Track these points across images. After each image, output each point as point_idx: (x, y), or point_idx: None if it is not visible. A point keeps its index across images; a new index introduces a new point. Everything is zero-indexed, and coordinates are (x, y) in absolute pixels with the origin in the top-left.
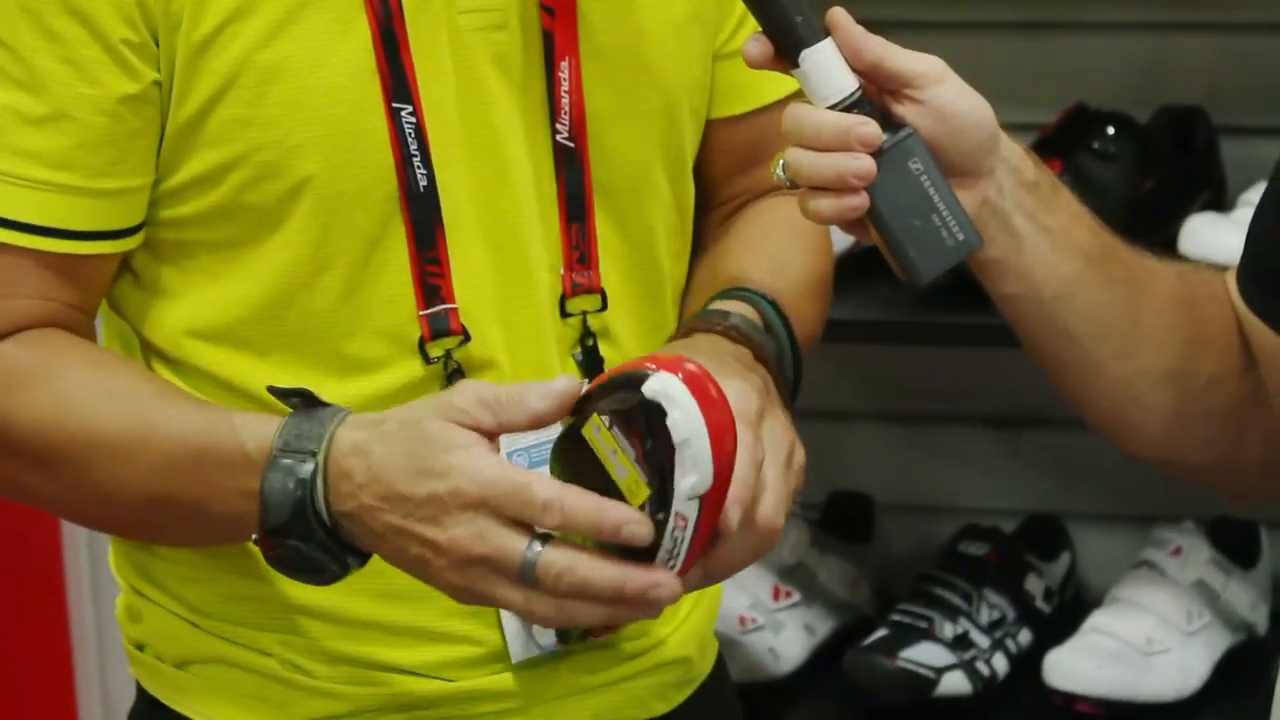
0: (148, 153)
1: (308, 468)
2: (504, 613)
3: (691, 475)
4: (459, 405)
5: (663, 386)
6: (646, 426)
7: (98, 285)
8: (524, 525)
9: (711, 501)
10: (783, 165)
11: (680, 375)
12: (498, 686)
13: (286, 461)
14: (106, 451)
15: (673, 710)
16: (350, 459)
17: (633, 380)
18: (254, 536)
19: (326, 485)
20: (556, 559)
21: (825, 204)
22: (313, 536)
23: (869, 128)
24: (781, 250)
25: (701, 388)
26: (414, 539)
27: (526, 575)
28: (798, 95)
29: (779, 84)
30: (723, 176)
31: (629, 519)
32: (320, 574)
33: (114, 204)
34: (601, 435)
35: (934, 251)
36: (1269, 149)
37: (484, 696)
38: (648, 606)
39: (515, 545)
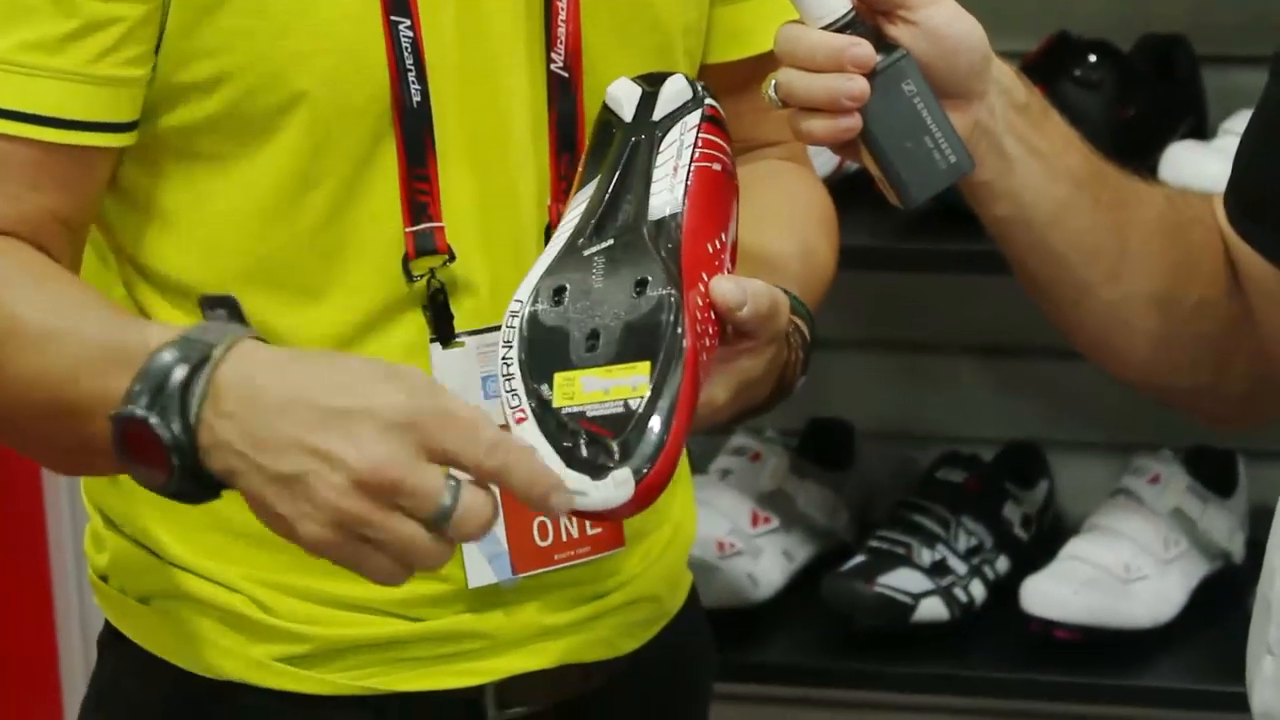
0: (147, 43)
1: (199, 355)
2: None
3: None
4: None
5: None
6: None
7: (85, 192)
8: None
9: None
10: (775, 86)
11: None
12: (462, 626)
13: (180, 349)
14: (23, 341)
15: (642, 647)
16: (254, 361)
17: None
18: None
19: (209, 387)
20: (478, 497)
21: (817, 125)
22: (179, 411)
23: (862, 49)
24: (808, 236)
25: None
26: (302, 451)
27: (439, 517)
28: None
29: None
30: None
31: (560, 488)
32: (158, 467)
33: (110, 93)
34: None
35: (926, 174)
36: (1250, 78)
37: (448, 636)
38: (548, 509)
39: (436, 479)
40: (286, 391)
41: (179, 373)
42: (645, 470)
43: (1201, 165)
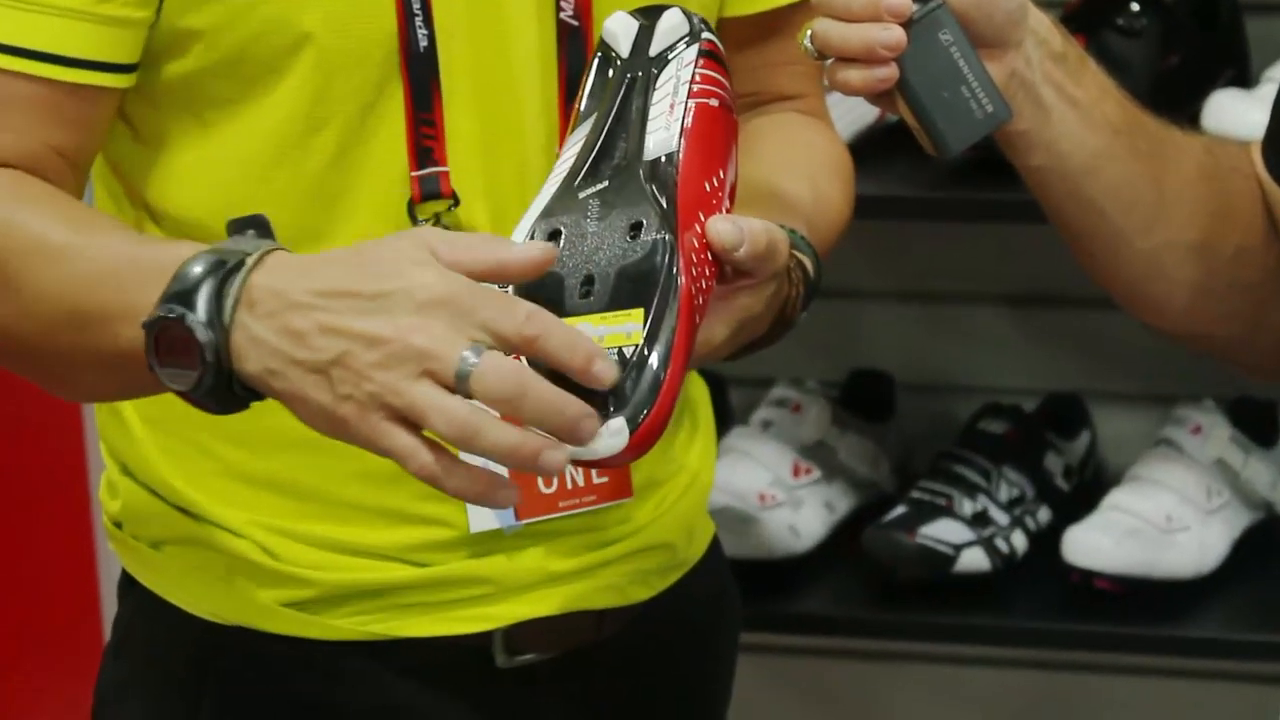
0: None
1: (233, 260)
2: None
3: None
4: (412, 232)
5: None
6: None
7: (88, 129)
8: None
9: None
10: (810, 36)
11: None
12: (467, 572)
13: (214, 256)
14: (44, 256)
15: (657, 596)
16: (286, 265)
17: None
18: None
19: (243, 291)
20: (501, 359)
21: (854, 75)
22: (209, 311)
23: None
24: (819, 179)
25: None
26: (339, 336)
27: (462, 370)
28: None
29: None
30: (733, 75)
31: (602, 354)
32: (189, 367)
33: (113, 33)
34: None
35: (963, 123)
36: None
37: (453, 582)
38: (571, 438)
39: (460, 340)
40: (321, 286)
41: (213, 277)
42: (640, 419)
43: (1244, 114)
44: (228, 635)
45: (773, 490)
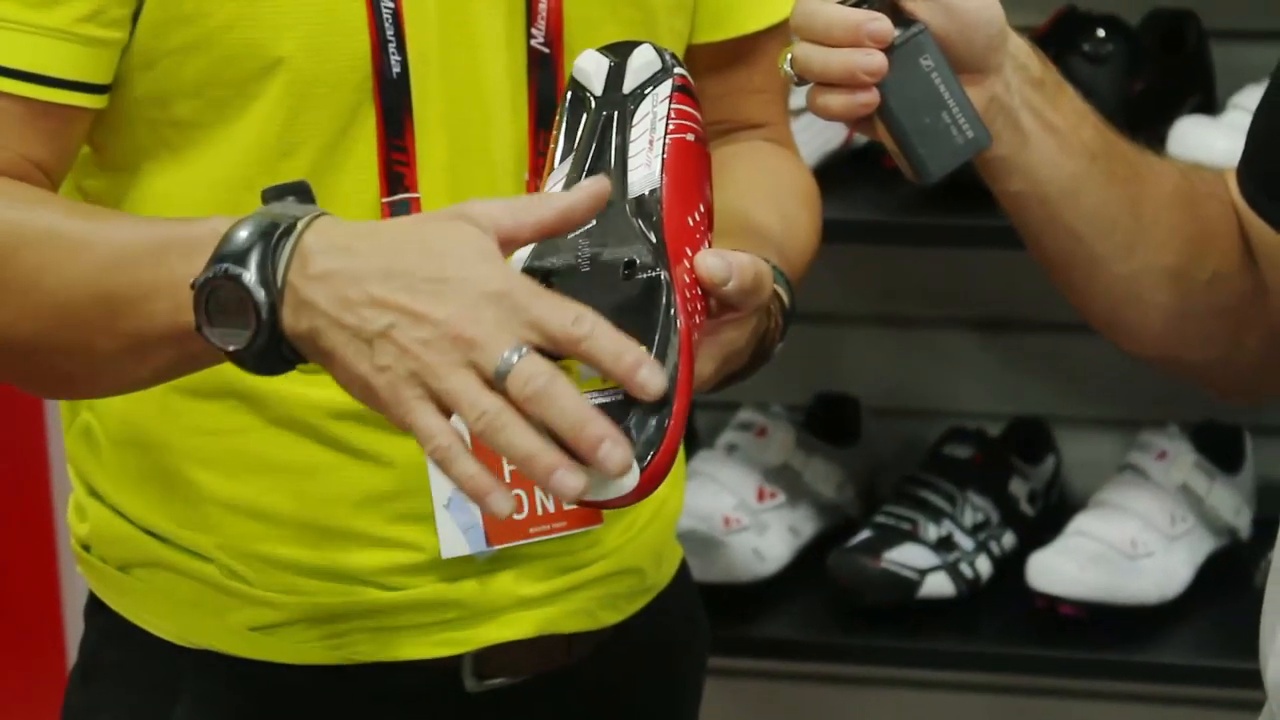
0: (129, 5)
1: (285, 223)
2: (438, 511)
3: None
4: (474, 207)
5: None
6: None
7: (63, 144)
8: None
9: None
10: (790, 60)
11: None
12: (436, 596)
13: (263, 219)
14: (62, 246)
15: (625, 621)
16: (341, 231)
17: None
18: (192, 281)
19: (295, 252)
20: (542, 363)
21: (835, 100)
22: (262, 271)
23: (880, 23)
24: (788, 207)
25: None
26: (390, 310)
27: (503, 368)
28: (782, 25)
29: (763, 12)
30: (703, 102)
31: (649, 361)
32: (242, 325)
33: (93, 54)
34: None
35: (943, 149)
36: (1258, 53)
37: (422, 606)
38: (591, 462)
39: (508, 336)
40: (380, 260)
41: (265, 239)
42: (648, 459)
43: (1209, 140)
44: (196, 659)
45: (737, 514)
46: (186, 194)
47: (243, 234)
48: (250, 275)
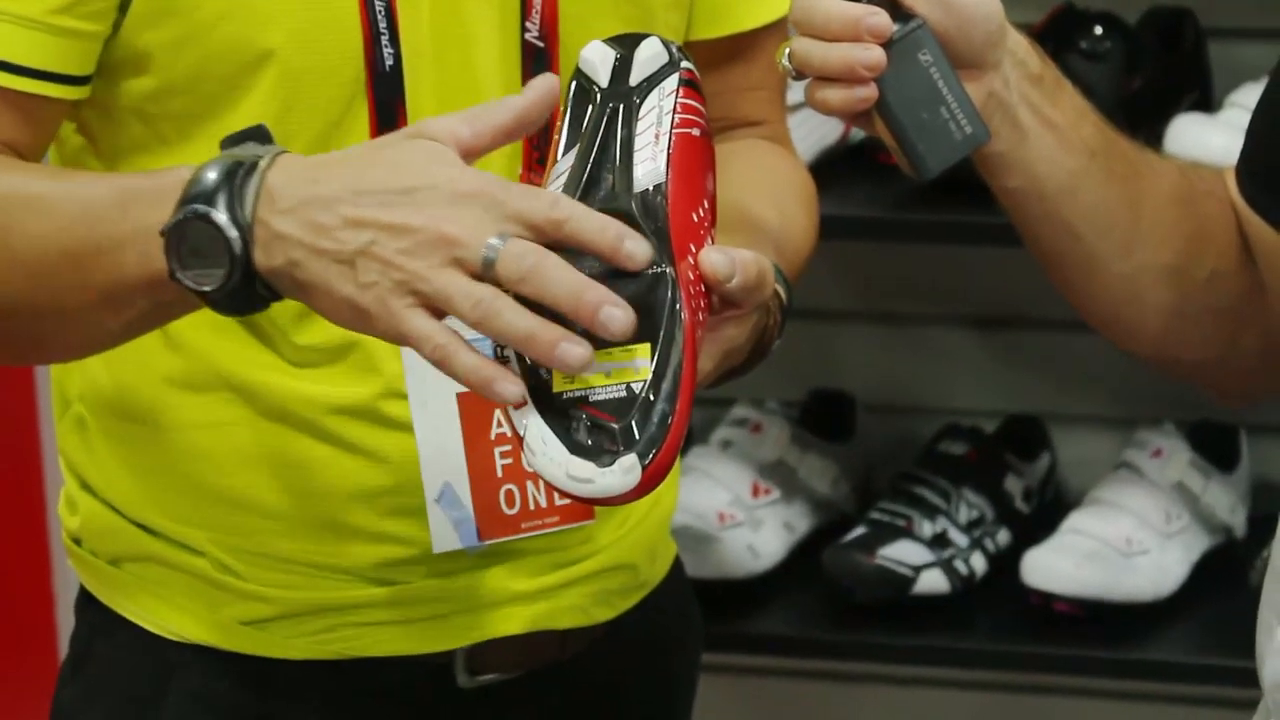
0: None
1: (251, 161)
2: (430, 505)
3: None
4: (429, 123)
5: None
6: None
7: (39, 127)
8: None
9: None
10: (789, 55)
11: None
12: (429, 591)
13: (227, 160)
14: (28, 205)
15: (618, 617)
16: (302, 164)
17: None
18: (162, 228)
19: (262, 188)
20: (528, 246)
21: (833, 95)
22: (231, 210)
23: (879, 18)
24: (785, 204)
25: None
26: (367, 227)
27: (489, 256)
28: (779, 22)
29: (760, 10)
30: None
31: (631, 234)
32: (215, 265)
33: (68, 45)
34: None
35: (942, 144)
36: (1256, 51)
37: (415, 601)
38: (593, 327)
39: (489, 229)
40: (346, 182)
41: (230, 178)
42: (651, 456)
43: (1207, 138)
44: (187, 653)
45: (732, 510)
46: None
47: (210, 175)
48: (220, 214)
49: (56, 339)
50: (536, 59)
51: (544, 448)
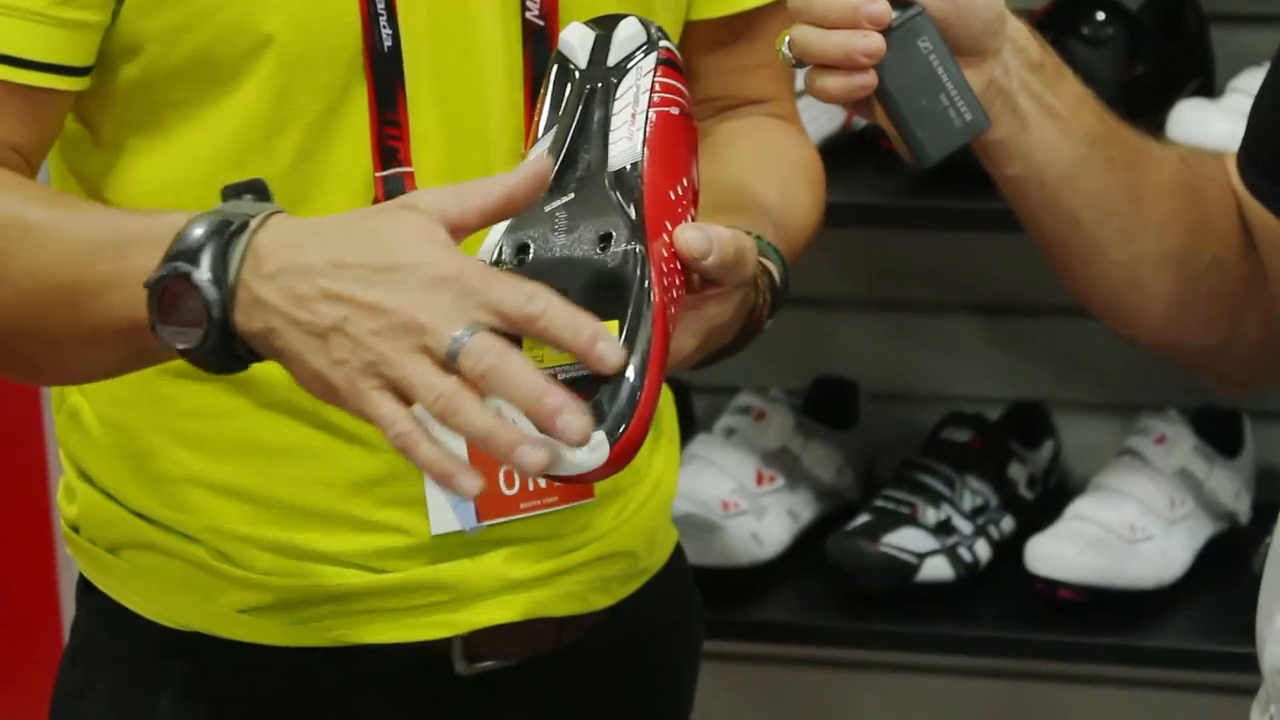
0: None
1: (238, 221)
2: (429, 486)
3: None
4: (420, 196)
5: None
6: None
7: (42, 126)
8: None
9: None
10: (788, 43)
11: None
12: (426, 579)
13: (217, 217)
14: (26, 233)
15: (617, 604)
16: (292, 228)
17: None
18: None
19: (249, 250)
20: (492, 339)
21: (833, 82)
22: (215, 270)
23: (878, 5)
24: (789, 184)
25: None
26: (342, 304)
27: (454, 349)
28: (779, 3)
29: None
30: (699, 77)
31: (606, 335)
32: (194, 325)
33: (70, 36)
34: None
35: (941, 132)
36: (1258, 36)
37: (411, 588)
38: (551, 432)
39: (460, 319)
40: (331, 254)
41: (218, 237)
42: (619, 433)
43: (1209, 123)
44: (185, 641)
45: (736, 498)
46: (178, 172)
47: (196, 232)
48: (202, 274)
49: (48, 366)
50: (537, 38)
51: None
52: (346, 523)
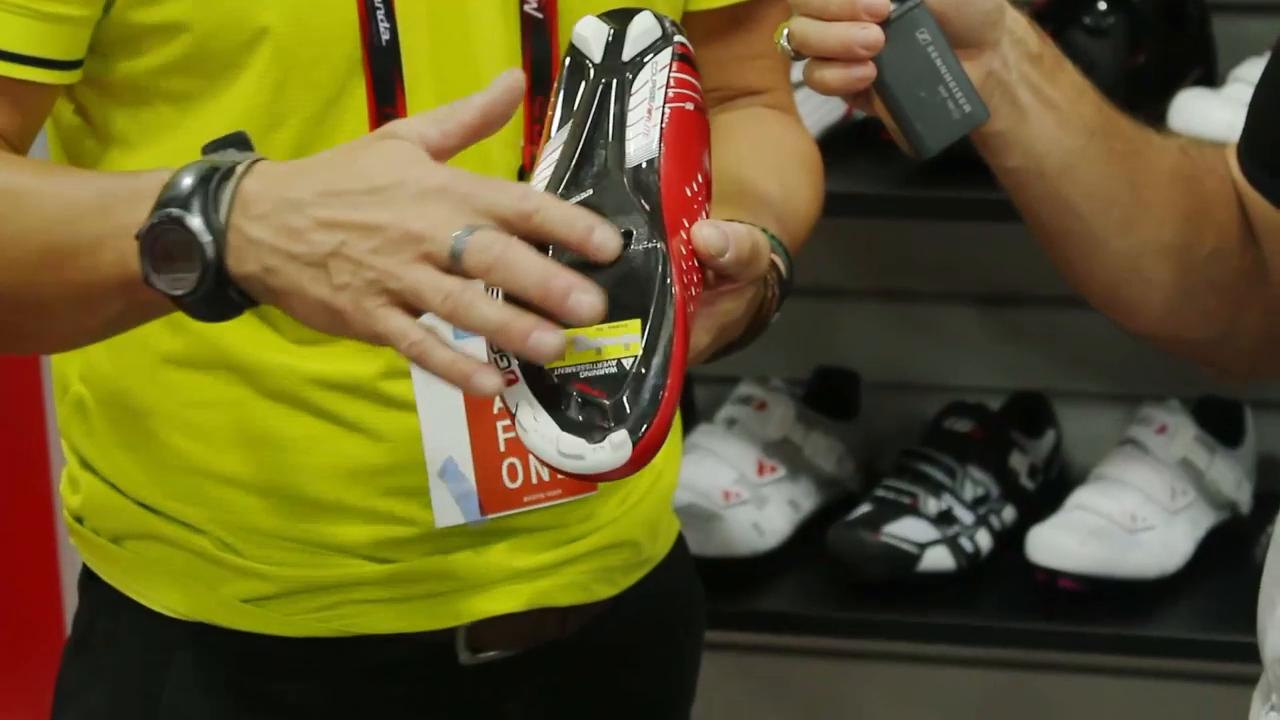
0: None
1: (224, 167)
2: (432, 479)
3: None
4: (397, 125)
5: None
6: None
7: (28, 114)
8: None
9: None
10: (787, 35)
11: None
12: (429, 568)
13: (203, 165)
14: (12, 200)
15: (620, 594)
16: (277, 170)
17: None
18: (137, 231)
19: (237, 194)
20: (494, 235)
21: (832, 74)
22: (205, 214)
23: None
24: (788, 176)
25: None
26: (337, 228)
27: (457, 248)
28: None
29: None
30: (703, 69)
31: (601, 223)
32: (188, 270)
33: (53, 30)
34: None
35: (940, 124)
36: (1259, 26)
37: (415, 578)
38: (563, 314)
39: (453, 224)
40: (317, 185)
41: (206, 183)
42: (642, 431)
43: (1210, 113)
44: (188, 630)
45: (737, 488)
46: (177, 165)
47: (185, 180)
48: (194, 219)
49: (38, 332)
50: (536, 31)
51: (535, 425)
52: (350, 513)
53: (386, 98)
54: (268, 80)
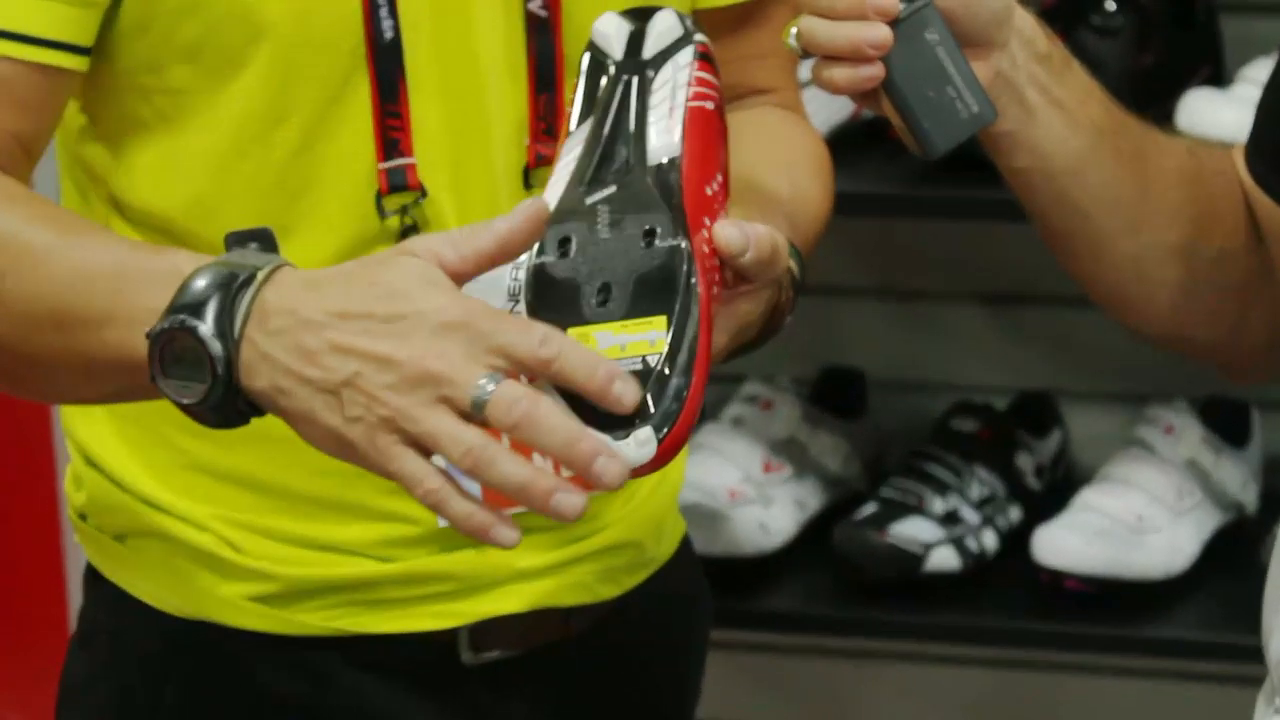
0: None
1: (244, 274)
2: None
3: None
4: (415, 243)
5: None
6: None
7: (44, 114)
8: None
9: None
10: (795, 34)
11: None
12: (433, 568)
13: (222, 270)
14: (25, 256)
15: (624, 594)
16: (296, 282)
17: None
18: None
19: (254, 306)
20: (517, 388)
21: (840, 74)
22: (219, 324)
23: None
24: (799, 177)
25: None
26: (352, 357)
27: (480, 399)
28: None
29: None
30: None
31: (621, 374)
32: (197, 379)
33: (75, 13)
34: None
35: (948, 123)
36: (1268, 26)
37: (419, 578)
38: (587, 477)
39: (476, 366)
40: (334, 305)
41: (222, 290)
42: (667, 428)
43: (1218, 113)
44: (191, 629)
45: (743, 487)
46: (180, 162)
47: (200, 284)
48: (206, 328)
49: (35, 387)
50: (540, 30)
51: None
52: (354, 512)
53: (390, 95)
54: (270, 77)
